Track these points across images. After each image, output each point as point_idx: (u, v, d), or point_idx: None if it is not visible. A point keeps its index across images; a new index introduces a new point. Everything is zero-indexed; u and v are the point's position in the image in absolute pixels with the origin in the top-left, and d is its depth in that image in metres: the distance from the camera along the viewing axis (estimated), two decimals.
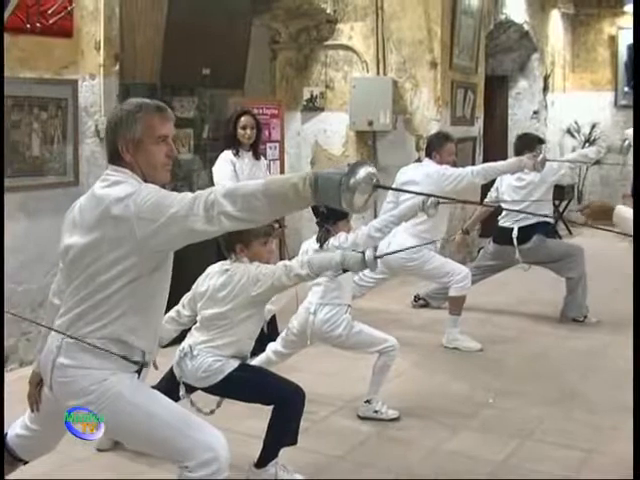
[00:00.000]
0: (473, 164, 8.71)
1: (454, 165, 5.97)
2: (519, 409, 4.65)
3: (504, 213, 6.61)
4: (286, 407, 3.59)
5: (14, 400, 3.14)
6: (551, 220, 6.76)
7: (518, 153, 6.53)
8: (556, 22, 11.98)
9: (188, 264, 4.61)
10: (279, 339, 4.53)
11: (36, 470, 3.45)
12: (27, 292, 5.16)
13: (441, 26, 8.19)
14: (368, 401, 4.50)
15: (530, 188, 6.47)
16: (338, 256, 3.52)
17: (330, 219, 4.29)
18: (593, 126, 12.13)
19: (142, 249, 2.52)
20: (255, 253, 3.68)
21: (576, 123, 12.26)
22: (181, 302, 3.81)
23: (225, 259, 4.32)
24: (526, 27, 10.76)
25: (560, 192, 11.38)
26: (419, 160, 7.52)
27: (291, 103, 8.76)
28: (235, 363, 3.61)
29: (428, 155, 6.04)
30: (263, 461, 3.62)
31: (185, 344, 3.66)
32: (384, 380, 4.52)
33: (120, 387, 2.65)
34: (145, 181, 2.66)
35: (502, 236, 6.63)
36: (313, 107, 8.80)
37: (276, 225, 5.32)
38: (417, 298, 7.08)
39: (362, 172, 2.19)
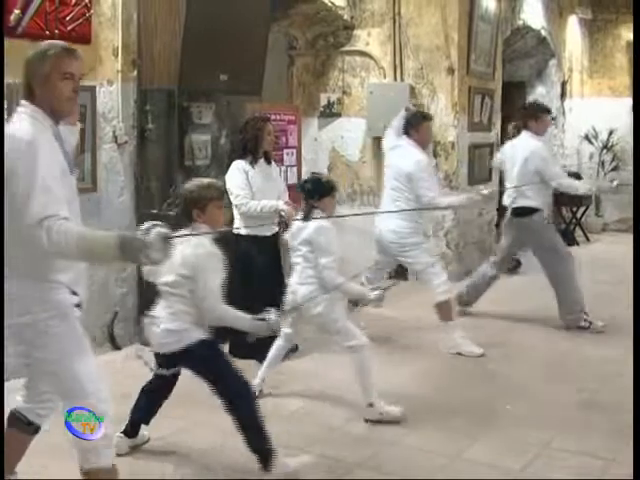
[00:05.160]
0: (490, 169, 8.71)
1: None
2: (537, 416, 4.61)
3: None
4: (240, 406, 3.65)
5: None
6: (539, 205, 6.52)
7: (524, 124, 6.54)
8: (574, 28, 11.94)
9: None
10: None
11: (52, 475, 3.47)
12: None
13: (458, 32, 8.16)
14: (370, 404, 4.49)
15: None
16: (247, 321, 3.61)
17: (315, 195, 4.48)
18: (611, 132, 12.05)
19: None
20: (211, 216, 3.74)
21: (594, 129, 12.19)
22: None
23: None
24: (543, 33, 10.72)
25: (578, 198, 11.30)
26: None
27: (308, 109, 8.76)
28: (198, 335, 3.66)
29: (406, 133, 5.97)
30: (265, 463, 3.68)
31: (151, 313, 3.76)
32: (370, 380, 4.50)
33: None
34: (53, 114, 2.92)
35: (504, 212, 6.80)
36: (330, 113, 8.80)
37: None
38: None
39: (153, 233, 2.57)
